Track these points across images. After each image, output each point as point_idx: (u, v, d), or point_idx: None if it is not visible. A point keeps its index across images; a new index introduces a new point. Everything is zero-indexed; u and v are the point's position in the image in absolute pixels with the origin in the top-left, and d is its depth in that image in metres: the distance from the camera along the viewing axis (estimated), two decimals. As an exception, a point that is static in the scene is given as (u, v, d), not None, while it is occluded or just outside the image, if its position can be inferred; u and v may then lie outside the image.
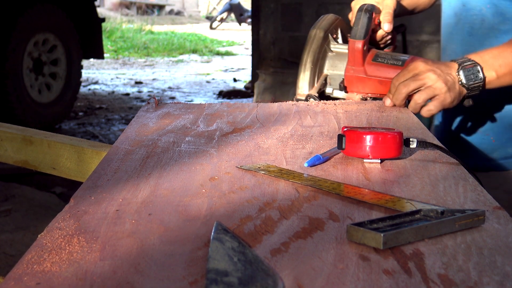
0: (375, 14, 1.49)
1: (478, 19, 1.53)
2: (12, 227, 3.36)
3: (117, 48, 13.56)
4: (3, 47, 5.70)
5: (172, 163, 0.99)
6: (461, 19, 1.57)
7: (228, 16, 18.80)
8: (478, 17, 1.53)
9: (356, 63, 1.49)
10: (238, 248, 0.66)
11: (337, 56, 1.55)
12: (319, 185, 0.86)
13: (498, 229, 0.72)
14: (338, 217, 0.76)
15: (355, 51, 1.48)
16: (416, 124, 1.24)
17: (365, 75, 1.49)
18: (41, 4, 6.12)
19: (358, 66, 1.49)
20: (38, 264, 0.63)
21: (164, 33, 15.87)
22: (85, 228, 0.72)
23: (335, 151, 1.02)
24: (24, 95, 5.93)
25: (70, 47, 6.52)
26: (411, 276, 0.61)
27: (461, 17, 1.57)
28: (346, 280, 0.60)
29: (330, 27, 1.57)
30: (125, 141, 1.11)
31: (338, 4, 6.01)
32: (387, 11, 1.51)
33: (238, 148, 1.07)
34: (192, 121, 1.28)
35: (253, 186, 0.87)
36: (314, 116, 1.30)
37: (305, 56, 1.54)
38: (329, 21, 1.58)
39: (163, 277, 0.61)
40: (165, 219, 0.75)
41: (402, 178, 0.91)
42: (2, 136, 1.44)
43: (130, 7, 20.23)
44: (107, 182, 0.89)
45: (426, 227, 0.69)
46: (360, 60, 1.48)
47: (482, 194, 0.83)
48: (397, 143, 0.98)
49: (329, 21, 1.58)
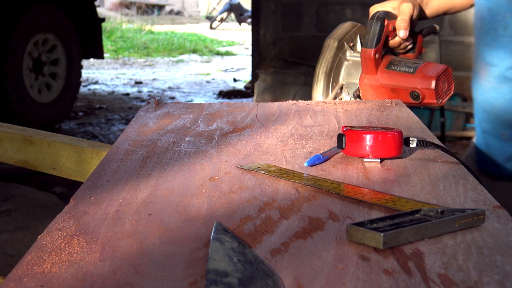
0: (388, 21, 1.49)
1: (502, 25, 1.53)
2: (12, 227, 3.36)
3: (117, 48, 13.56)
4: (3, 47, 5.70)
5: (172, 163, 0.99)
6: (486, 24, 1.56)
7: (228, 16, 18.80)
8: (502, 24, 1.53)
9: (369, 71, 1.49)
10: (238, 248, 0.66)
11: (352, 65, 1.55)
12: (319, 184, 0.86)
13: (498, 228, 0.72)
14: (338, 217, 0.76)
15: (367, 60, 1.48)
16: (416, 123, 1.24)
17: (378, 83, 1.49)
18: (41, 4, 6.12)
19: (371, 74, 1.49)
20: (38, 265, 0.63)
21: (164, 33, 15.87)
22: (85, 229, 0.72)
23: (335, 150, 1.02)
24: (24, 95, 5.93)
25: (70, 47, 6.52)
26: (411, 276, 0.61)
27: (486, 22, 1.56)
28: (346, 280, 0.60)
29: (345, 35, 1.56)
30: (125, 141, 1.11)
31: (338, 4, 6.02)
32: (402, 17, 1.50)
33: (238, 148, 1.07)
34: (192, 121, 1.28)
35: (253, 186, 0.87)
36: (314, 116, 1.30)
37: (318, 67, 1.55)
38: (345, 29, 1.58)
39: (163, 278, 0.61)
40: (165, 220, 0.75)
41: (402, 178, 0.91)
42: (2, 136, 1.44)
43: (130, 7, 20.23)
44: (107, 183, 0.89)
45: (426, 227, 0.69)
46: (372, 69, 1.48)
47: (482, 193, 0.83)
48: (397, 142, 0.98)
49: (345, 30, 1.58)
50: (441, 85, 1.45)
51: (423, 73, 1.44)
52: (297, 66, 6.54)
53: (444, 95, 1.46)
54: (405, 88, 1.46)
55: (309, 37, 6.47)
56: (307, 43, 6.48)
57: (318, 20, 6.33)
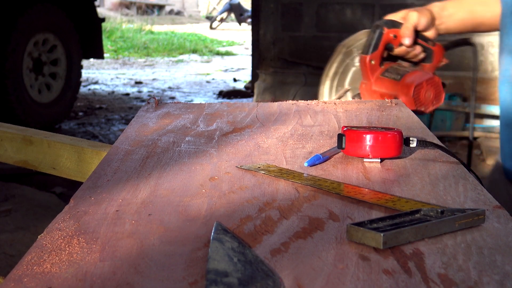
0: (388, 29, 1.53)
1: None
2: (12, 227, 3.36)
3: (117, 48, 13.56)
4: (3, 47, 5.70)
5: (172, 163, 0.99)
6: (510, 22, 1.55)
7: (228, 16, 18.80)
8: None
9: (365, 77, 1.55)
10: (238, 248, 0.66)
11: (358, 71, 1.60)
12: (319, 184, 0.86)
13: (498, 228, 0.72)
14: (338, 217, 0.76)
15: (362, 66, 1.56)
16: (416, 123, 1.24)
17: (371, 89, 1.54)
18: (41, 4, 6.12)
19: (367, 80, 1.56)
20: (38, 265, 0.63)
21: (164, 33, 15.87)
22: (85, 229, 0.72)
23: (335, 150, 1.02)
24: (24, 95, 5.93)
25: (70, 47, 6.52)
26: (411, 276, 0.61)
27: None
28: (346, 280, 0.60)
29: (356, 42, 1.63)
30: (125, 141, 1.11)
31: (338, 4, 6.02)
32: (406, 26, 1.53)
33: (238, 148, 1.07)
34: (192, 121, 1.28)
35: (253, 186, 0.87)
36: (314, 116, 1.30)
37: (324, 70, 1.62)
38: (357, 36, 1.63)
39: (163, 278, 0.61)
40: (165, 220, 0.75)
41: (402, 178, 0.91)
42: (2, 136, 1.44)
43: (130, 7, 20.23)
44: (107, 183, 0.89)
45: (426, 227, 0.69)
46: (367, 74, 1.54)
47: (482, 193, 0.83)
48: (397, 142, 0.98)
49: (357, 37, 1.63)
50: (423, 94, 1.48)
51: (405, 81, 1.49)
52: (297, 66, 6.54)
53: (429, 103, 1.49)
54: (390, 95, 1.50)
55: (309, 37, 6.47)
56: (307, 43, 6.49)
57: (318, 20, 6.33)
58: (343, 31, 6.15)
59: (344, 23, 6.11)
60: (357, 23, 6.07)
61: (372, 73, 1.53)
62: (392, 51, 1.58)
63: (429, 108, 1.50)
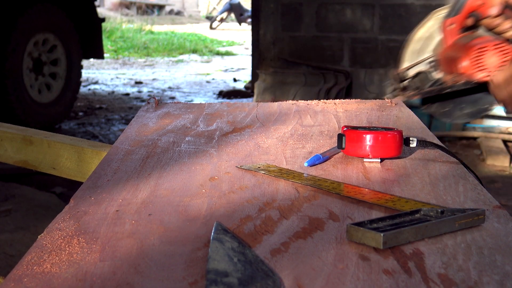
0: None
1: None
2: (12, 227, 3.36)
3: (117, 48, 13.55)
4: (3, 47, 5.70)
5: (172, 163, 0.99)
6: None
7: (228, 16, 18.79)
8: None
9: (443, 41, 1.49)
10: (238, 248, 0.65)
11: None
12: (319, 184, 0.86)
13: (498, 228, 0.72)
14: (338, 217, 0.76)
15: (442, 30, 1.48)
16: (416, 123, 1.24)
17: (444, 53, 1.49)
18: (41, 4, 6.12)
19: (444, 43, 1.50)
20: (38, 265, 0.63)
21: (164, 33, 15.86)
22: (85, 229, 0.72)
23: (335, 150, 1.02)
24: (24, 95, 5.93)
25: (70, 47, 6.52)
26: (411, 276, 0.61)
27: None
28: (346, 280, 0.60)
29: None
30: (125, 141, 1.11)
31: (338, 4, 6.01)
32: None
33: (238, 148, 1.07)
34: (192, 121, 1.28)
35: (253, 186, 0.87)
36: (314, 116, 1.30)
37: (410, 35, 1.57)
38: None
39: (163, 278, 0.61)
40: (165, 220, 0.75)
41: (402, 178, 0.91)
42: (2, 136, 1.44)
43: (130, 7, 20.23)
44: (107, 183, 0.89)
45: (426, 227, 0.69)
46: (445, 38, 1.48)
47: (482, 193, 0.83)
48: (397, 142, 0.98)
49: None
50: (487, 58, 1.39)
51: (471, 43, 1.42)
52: (297, 66, 6.54)
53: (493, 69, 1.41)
54: (452, 59, 1.45)
55: (309, 37, 6.47)
56: (307, 43, 6.48)
57: (318, 20, 6.33)
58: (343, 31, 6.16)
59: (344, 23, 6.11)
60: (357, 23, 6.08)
61: (449, 37, 1.48)
62: (479, 21, 1.52)
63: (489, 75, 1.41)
